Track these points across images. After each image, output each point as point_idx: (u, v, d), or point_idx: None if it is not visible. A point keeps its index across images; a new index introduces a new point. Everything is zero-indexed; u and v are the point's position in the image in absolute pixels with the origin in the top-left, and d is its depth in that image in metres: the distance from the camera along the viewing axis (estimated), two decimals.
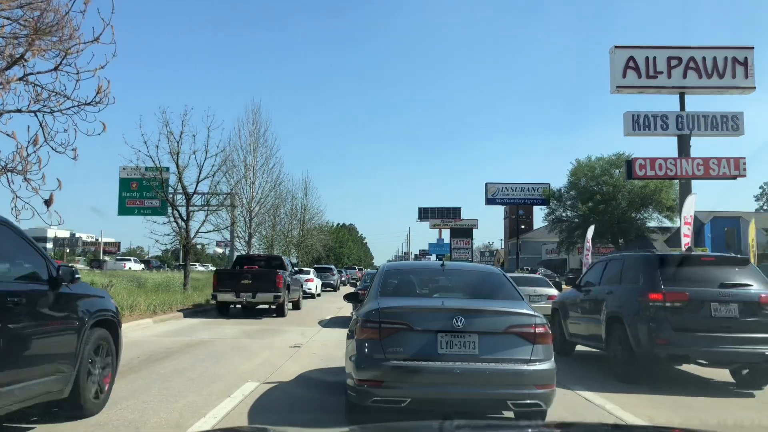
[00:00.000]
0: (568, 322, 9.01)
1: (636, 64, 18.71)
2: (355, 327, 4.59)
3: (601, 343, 7.69)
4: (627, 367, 6.89)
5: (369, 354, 4.29)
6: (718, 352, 6.51)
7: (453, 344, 4.29)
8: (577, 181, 41.79)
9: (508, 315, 4.45)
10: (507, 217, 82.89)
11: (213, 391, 5.76)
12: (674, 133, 18.55)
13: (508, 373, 4.25)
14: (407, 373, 4.21)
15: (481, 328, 4.32)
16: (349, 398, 4.46)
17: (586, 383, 6.65)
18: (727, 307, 6.60)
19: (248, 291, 14.42)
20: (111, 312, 5.01)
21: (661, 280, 6.76)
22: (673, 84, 18.75)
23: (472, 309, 4.49)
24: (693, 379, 7.39)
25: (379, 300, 4.73)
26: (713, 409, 5.73)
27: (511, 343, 4.34)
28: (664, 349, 6.56)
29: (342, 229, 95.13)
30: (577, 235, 44.02)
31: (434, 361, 4.22)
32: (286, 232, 38.24)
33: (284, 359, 7.83)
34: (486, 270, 6.21)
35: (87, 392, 4.50)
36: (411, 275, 5.81)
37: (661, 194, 39.49)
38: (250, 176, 28.44)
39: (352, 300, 6.56)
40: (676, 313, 6.60)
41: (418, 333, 4.33)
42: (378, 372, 4.22)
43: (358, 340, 4.40)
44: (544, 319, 4.57)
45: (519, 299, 4.83)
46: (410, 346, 4.30)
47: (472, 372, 4.21)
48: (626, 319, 6.96)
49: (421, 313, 4.48)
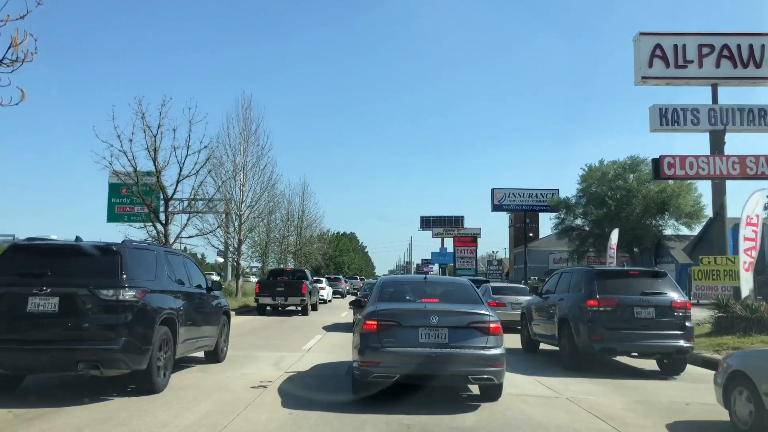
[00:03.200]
0: (532, 324, 11.22)
1: (663, 53, 17.65)
2: (359, 324, 6.54)
3: (555, 341, 9.88)
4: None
5: (369, 343, 6.19)
6: (640, 346, 8.82)
7: (430, 335, 6.22)
8: (588, 188, 40.15)
9: (470, 315, 6.43)
10: (512, 225, 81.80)
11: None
12: (706, 128, 17.44)
13: (469, 356, 6.16)
14: (397, 356, 6.09)
15: (450, 324, 6.26)
16: (355, 376, 6.41)
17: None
18: (646, 310, 8.83)
19: (281, 296, 20.63)
20: (227, 306, 9.86)
21: (597, 290, 8.97)
22: (705, 74, 17.58)
23: (444, 310, 6.43)
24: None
25: (377, 304, 6.70)
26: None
27: (472, 334, 6.27)
28: (598, 343, 8.78)
29: (342, 238, 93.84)
30: (589, 243, 42.27)
31: (416, 347, 6.15)
32: (281, 238, 37.36)
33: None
34: (458, 282, 8.15)
35: (220, 347, 9.19)
36: (402, 285, 7.89)
37: (679, 199, 38.20)
38: (240, 177, 26.87)
39: (355, 306, 9.39)
40: (607, 315, 8.82)
41: (406, 328, 6.25)
42: (375, 356, 6.10)
43: (361, 333, 6.31)
44: (497, 317, 6.68)
45: (480, 303, 6.87)
46: (399, 337, 6.20)
47: (444, 355, 6.12)
48: (571, 321, 9.17)
49: (408, 314, 6.44)
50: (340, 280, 44.14)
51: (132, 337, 6.22)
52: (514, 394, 7.05)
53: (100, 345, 6.06)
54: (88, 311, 6.12)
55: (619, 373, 9.09)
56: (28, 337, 6.06)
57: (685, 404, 6.87)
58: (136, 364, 6.27)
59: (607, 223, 38.88)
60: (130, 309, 6.24)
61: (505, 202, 46.37)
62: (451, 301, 6.95)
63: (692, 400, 7.05)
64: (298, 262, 39.88)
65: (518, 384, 7.78)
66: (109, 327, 6.11)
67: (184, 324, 7.45)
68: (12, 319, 6.09)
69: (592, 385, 7.92)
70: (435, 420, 5.73)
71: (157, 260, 7.32)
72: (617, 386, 7.97)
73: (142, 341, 6.34)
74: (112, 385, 6.78)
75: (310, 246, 42.52)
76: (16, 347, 6.03)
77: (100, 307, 6.15)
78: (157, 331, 6.59)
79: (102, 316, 6.14)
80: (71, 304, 6.09)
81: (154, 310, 6.64)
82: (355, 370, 6.35)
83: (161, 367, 6.75)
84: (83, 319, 6.08)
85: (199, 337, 8.18)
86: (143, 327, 6.39)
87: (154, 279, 6.99)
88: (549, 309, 10.28)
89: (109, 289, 6.19)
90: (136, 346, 6.25)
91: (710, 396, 6.10)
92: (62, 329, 6.06)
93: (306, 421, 5.53)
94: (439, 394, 6.80)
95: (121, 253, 6.50)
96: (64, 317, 6.06)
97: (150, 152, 17.09)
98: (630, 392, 7.55)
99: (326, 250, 50.82)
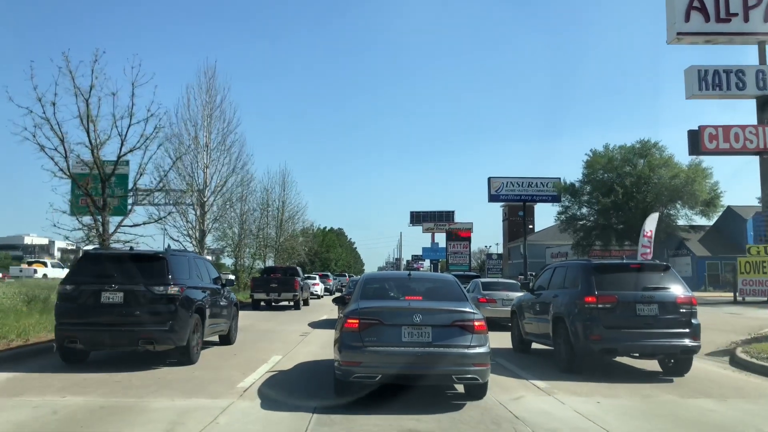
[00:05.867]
0: (524, 322, 11.18)
1: (702, 4, 16.59)
2: (341, 322, 6.82)
3: (549, 340, 9.88)
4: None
5: (350, 342, 6.46)
6: (642, 346, 8.76)
7: (413, 334, 6.48)
8: (593, 174, 39.77)
9: (454, 312, 6.68)
10: (506, 218, 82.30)
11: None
12: (754, 93, 16.27)
13: (453, 355, 6.43)
14: (379, 356, 6.34)
15: (433, 322, 6.53)
16: (336, 376, 6.64)
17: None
18: (649, 307, 8.73)
19: (275, 292, 23.38)
20: (236, 300, 13.07)
21: (594, 285, 8.91)
22: (752, 29, 16.33)
23: (428, 308, 6.71)
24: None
25: (359, 302, 7.03)
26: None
27: (456, 333, 6.53)
28: (597, 344, 8.71)
29: (329, 233, 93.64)
30: (595, 236, 42.14)
31: (399, 346, 6.40)
32: (257, 230, 36.43)
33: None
34: (442, 278, 8.49)
35: (232, 333, 12.17)
36: (385, 282, 8.20)
37: (695, 186, 37.51)
38: (203, 157, 25.02)
39: (339, 303, 9.72)
40: (606, 313, 8.72)
41: (388, 326, 6.50)
42: (357, 355, 6.36)
43: (343, 332, 6.60)
44: (482, 315, 6.91)
45: (464, 300, 7.17)
46: (382, 336, 6.45)
47: (427, 354, 6.39)
48: (567, 319, 9.11)
49: (391, 311, 6.70)
50: (328, 277, 45.76)
51: (176, 321, 8.96)
52: (513, 399, 7.07)
53: (154, 327, 8.77)
54: (145, 302, 8.86)
55: (621, 376, 9.00)
56: (102, 322, 8.73)
57: (709, 410, 6.76)
58: (179, 342, 9.04)
59: (614, 212, 38.79)
60: (174, 301, 9.01)
61: (503, 191, 45.47)
62: (435, 298, 7.32)
63: (715, 408, 6.91)
64: (280, 259, 39.22)
65: (517, 387, 7.84)
66: (160, 314, 8.85)
67: (209, 312, 10.35)
68: (90, 308, 8.80)
69: (593, 389, 7.85)
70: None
71: (189, 263, 10.29)
72: (630, 391, 7.73)
73: (183, 324, 9.11)
74: (154, 359, 9.44)
75: (294, 241, 41.87)
76: (93, 329, 8.73)
77: (153, 299, 8.90)
78: (192, 317, 9.45)
79: (155, 306, 8.88)
80: (133, 297, 8.84)
81: (190, 301, 9.48)
82: (336, 370, 6.63)
83: (195, 345, 9.52)
84: (141, 308, 8.82)
85: (218, 323, 11.18)
86: (183, 314, 9.17)
87: (189, 278, 9.82)
88: (542, 306, 10.25)
89: (160, 286, 8.96)
90: (179, 328, 9.00)
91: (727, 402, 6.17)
92: (126, 316, 8.75)
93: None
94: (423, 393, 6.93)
95: (166, 258, 9.30)
96: (127, 307, 8.78)
97: (83, 121, 15.03)
98: (647, 400, 7.38)
99: (311, 245, 50.55)
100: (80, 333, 8.64)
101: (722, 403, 7.16)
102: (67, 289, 8.95)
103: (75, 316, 8.77)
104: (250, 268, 35.22)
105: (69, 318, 8.79)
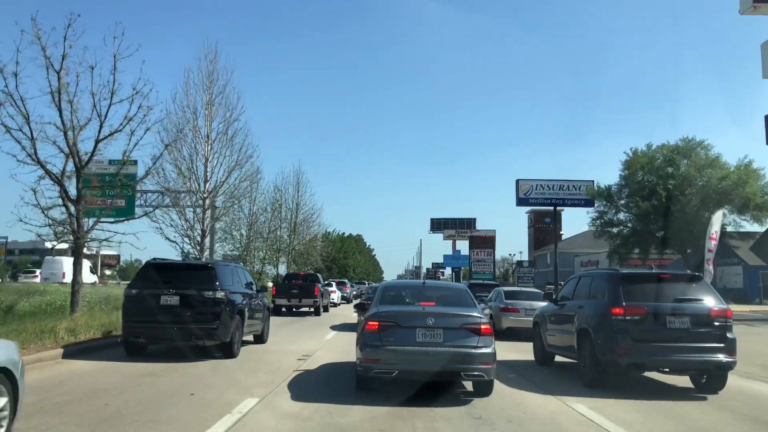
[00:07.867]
0: (546, 334, 11.39)
1: None
2: (362, 324, 8.24)
3: (574, 353, 9.98)
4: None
5: (370, 342, 7.76)
6: (673, 361, 8.79)
7: (426, 335, 7.73)
8: (632, 176, 38.74)
9: (463, 317, 7.92)
10: (532, 225, 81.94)
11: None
12: None
13: (461, 354, 7.62)
14: (396, 354, 7.62)
15: (444, 325, 7.78)
16: (358, 372, 8.07)
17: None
18: (680, 320, 8.77)
19: (296, 298, 26.07)
20: (269, 304, 16.25)
21: (622, 296, 9.00)
22: None
23: (439, 313, 7.98)
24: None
25: (379, 307, 8.42)
26: (667, 410, 7.89)
27: (464, 335, 7.74)
28: (625, 358, 8.77)
29: (348, 239, 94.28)
30: (632, 243, 40.97)
31: (414, 346, 7.67)
32: (268, 232, 36.34)
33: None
34: (453, 287, 10.25)
35: (265, 333, 14.72)
36: (402, 290, 9.74)
37: (746, 188, 36.23)
38: (204, 149, 23.89)
39: (359, 309, 11.41)
40: (635, 325, 8.79)
41: (404, 328, 7.79)
42: (376, 353, 7.65)
43: (364, 333, 7.93)
44: (488, 319, 8.07)
45: (473, 307, 8.49)
46: (398, 337, 7.72)
47: (438, 353, 7.62)
48: (593, 332, 9.23)
49: (407, 315, 8.04)
50: (345, 285, 46.46)
51: (222, 321, 11.18)
52: (539, 418, 7.22)
53: (204, 325, 10.99)
54: (197, 305, 11.12)
55: (650, 392, 8.98)
56: (161, 320, 10.90)
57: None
58: (224, 338, 11.25)
59: (654, 217, 37.85)
60: (220, 304, 11.26)
61: (532, 195, 44.44)
62: (446, 304, 8.67)
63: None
64: (294, 264, 39.42)
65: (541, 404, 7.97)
66: (209, 314, 11.08)
67: (248, 314, 12.60)
68: (152, 309, 10.91)
69: (624, 408, 7.80)
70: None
71: (232, 272, 12.75)
72: (663, 411, 7.68)
73: (228, 324, 11.33)
74: (200, 354, 11.37)
75: (311, 246, 42.03)
76: (154, 326, 10.97)
77: (204, 302, 11.15)
78: (235, 318, 11.63)
79: (205, 308, 11.12)
80: (187, 300, 11.11)
81: (233, 304, 11.69)
82: (358, 366, 8.04)
83: (237, 342, 11.73)
84: (194, 309, 11.06)
85: (254, 324, 13.53)
86: (228, 315, 11.39)
87: (231, 284, 12.08)
88: (566, 317, 10.39)
89: (209, 291, 11.23)
90: (225, 327, 11.23)
91: None
92: (181, 316, 10.94)
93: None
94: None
95: (215, 267, 11.79)
96: (183, 308, 11.01)
97: (54, 98, 13.69)
98: (673, 415, 7.49)
99: (328, 251, 50.59)
100: (144, 329, 11.04)
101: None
102: (132, 293, 11.33)
103: (139, 316, 11.05)
104: (259, 273, 35.34)
105: (134, 317, 11.12)
